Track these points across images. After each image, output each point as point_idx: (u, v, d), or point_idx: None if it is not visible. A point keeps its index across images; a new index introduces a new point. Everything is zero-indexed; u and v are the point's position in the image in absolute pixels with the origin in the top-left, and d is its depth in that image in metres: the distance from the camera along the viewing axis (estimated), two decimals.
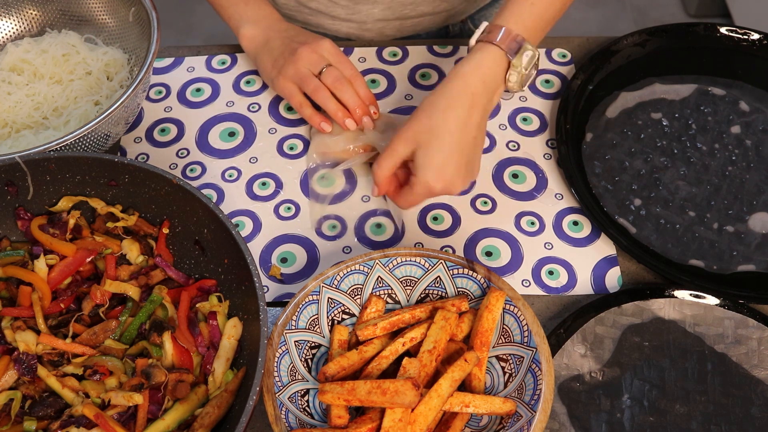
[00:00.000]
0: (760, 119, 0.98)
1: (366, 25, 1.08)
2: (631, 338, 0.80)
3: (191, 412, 0.70)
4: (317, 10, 1.07)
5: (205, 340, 0.75)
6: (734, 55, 1.04)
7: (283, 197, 0.92)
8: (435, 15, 1.09)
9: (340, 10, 1.05)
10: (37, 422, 0.69)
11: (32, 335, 0.73)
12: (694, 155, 0.95)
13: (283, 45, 0.95)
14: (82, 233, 0.80)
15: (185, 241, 0.80)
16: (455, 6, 1.09)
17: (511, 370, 0.74)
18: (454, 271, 0.78)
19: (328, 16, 1.07)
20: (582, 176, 0.92)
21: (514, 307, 0.75)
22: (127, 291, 0.76)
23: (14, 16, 0.99)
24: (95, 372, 0.71)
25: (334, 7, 1.05)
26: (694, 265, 0.86)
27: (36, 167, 0.78)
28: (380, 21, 1.07)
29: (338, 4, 1.04)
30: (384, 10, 1.05)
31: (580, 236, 0.89)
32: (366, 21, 1.07)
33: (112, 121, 0.84)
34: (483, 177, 0.94)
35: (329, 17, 1.08)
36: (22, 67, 0.95)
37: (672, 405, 0.76)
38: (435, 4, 1.06)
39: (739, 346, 0.79)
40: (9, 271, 0.77)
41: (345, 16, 1.06)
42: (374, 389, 0.67)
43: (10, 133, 0.90)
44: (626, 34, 1.04)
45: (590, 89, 1.00)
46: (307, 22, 1.11)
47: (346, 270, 0.77)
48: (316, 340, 0.76)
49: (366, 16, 1.06)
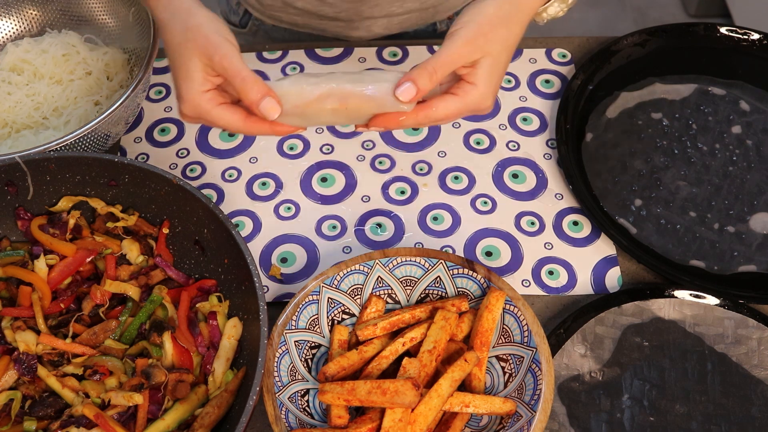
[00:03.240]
0: (761, 119, 0.98)
1: (354, 23, 1.08)
2: (631, 338, 0.80)
3: (191, 412, 0.70)
4: (304, 10, 1.07)
5: (205, 340, 0.75)
6: (734, 55, 1.04)
7: (283, 197, 0.92)
8: (422, 11, 1.09)
9: (328, 9, 1.05)
10: (37, 422, 0.70)
11: (32, 335, 0.73)
12: (695, 155, 0.95)
13: (172, 69, 0.75)
14: (82, 233, 0.80)
15: (185, 241, 0.80)
16: (442, 1, 1.09)
17: (511, 370, 0.74)
18: (454, 271, 0.78)
19: (315, 15, 1.07)
20: (582, 176, 0.92)
21: (514, 307, 0.75)
22: (127, 291, 0.76)
23: (14, 16, 0.99)
24: (95, 372, 0.71)
25: (322, 6, 1.05)
26: (694, 266, 0.86)
27: (36, 167, 0.78)
28: (368, 19, 1.07)
29: (325, 2, 1.04)
30: (371, 8, 1.05)
31: (580, 236, 0.89)
32: (354, 19, 1.07)
33: (112, 121, 0.84)
34: (483, 177, 0.94)
35: (317, 17, 1.08)
36: (22, 67, 0.95)
37: (672, 405, 0.76)
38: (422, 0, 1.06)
39: (739, 346, 0.79)
40: (9, 271, 0.77)
41: (332, 14, 1.06)
42: (374, 389, 0.67)
43: (10, 133, 0.90)
44: (626, 34, 1.04)
45: (590, 89, 1.00)
46: (293, 23, 1.11)
47: (346, 270, 0.77)
48: (316, 340, 0.76)
49: (354, 14, 1.06)
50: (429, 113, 0.72)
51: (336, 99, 0.71)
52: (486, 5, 0.73)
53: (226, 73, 0.70)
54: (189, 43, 0.71)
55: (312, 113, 0.72)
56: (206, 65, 0.70)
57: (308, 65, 1.04)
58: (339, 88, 0.71)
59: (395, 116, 0.72)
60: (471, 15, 0.72)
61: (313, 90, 0.71)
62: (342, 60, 1.05)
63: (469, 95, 0.72)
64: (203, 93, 0.71)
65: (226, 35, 0.72)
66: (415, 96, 0.70)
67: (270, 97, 0.69)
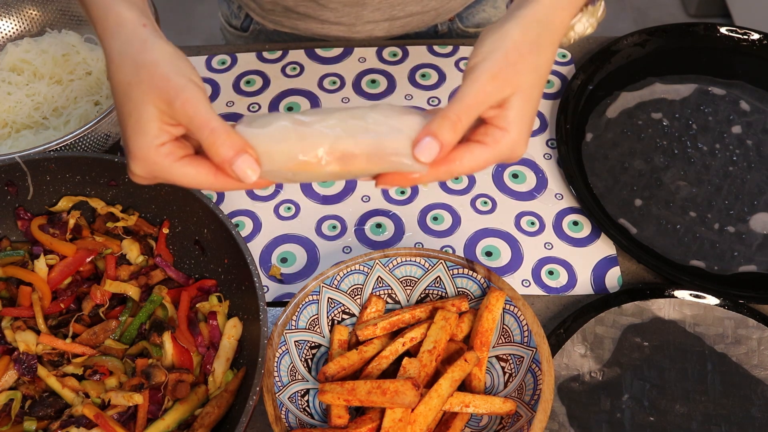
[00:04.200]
0: (761, 119, 0.98)
1: (355, 27, 1.07)
2: (631, 338, 0.80)
3: (191, 412, 0.70)
4: (305, 15, 1.06)
5: (205, 340, 0.75)
6: (734, 55, 1.04)
7: (283, 197, 0.92)
8: (423, 14, 1.09)
9: (329, 13, 1.05)
10: (37, 422, 0.70)
11: (32, 335, 0.73)
12: (695, 155, 0.95)
13: (118, 116, 0.60)
14: (82, 233, 0.80)
15: (185, 241, 0.80)
16: (444, 4, 1.09)
17: (511, 370, 0.74)
18: (454, 271, 0.78)
19: (317, 20, 1.07)
20: (582, 176, 0.92)
21: (514, 307, 0.75)
22: (127, 291, 0.76)
23: (14, 16, 0.99)
24: (95, 372, 0.71)
25: (323, 11, 1.05)
26: (694, 266, 0.86)
27: (36, 167, 0.78)
28: (369, 23, 1.07)
29: (327, 7, 1.04)
30: (373, 12, 1.05)
31: (580, 236, 0.89)
32: (355, 23, 1.07)
33: (112, 121, 0.84)
34: (483, 177, 0.94)
35: (318, 21, 1.07)
36: (22, 67, 0.95)
37: (672, 405, 0.76)
38: (423, 3, 1.06)
39: (739, 346, 0.79)
40: (9, 271, 0.77)
41: (334, 19, 1.06)
42: (374, 389, 0.67)
43: (10, 133, 0.91)
44: (626, 34, 1.04)
45: (590, 89, 1.00)
46: (295, 27, 1.11)
47: (346, 270, 0.77)
48: (316, 340, 0.76)
49: (355, 18, 1.06)
50: (452, 168, 0.59)
51: (336, 159, 0.57)
52: (510, 28, 0.60)
53: (191, 122, 0.56)
54: (142, 85, 0.56)
55: (304, 174, 0.58)
56: (163, 112, 0.56)
57: (308, 65, 1.04)
58: (339, 146, 0.57)
59: (409, 173, 0.59)
60: (493, 42, 0.59)
61: (304, 148, 0.56)
62: (342, 60, 1.05)
63: (500, 144, 0.59)
64: (159, 147, 0.57)
65: (190, 75, 0.57)
66: (439, 154, 0.57)
67: (246, 155, 0.56)
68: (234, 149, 0.55)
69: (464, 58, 1.05)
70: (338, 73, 1.03)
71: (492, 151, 0.59)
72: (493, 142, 0.59)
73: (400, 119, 0.58)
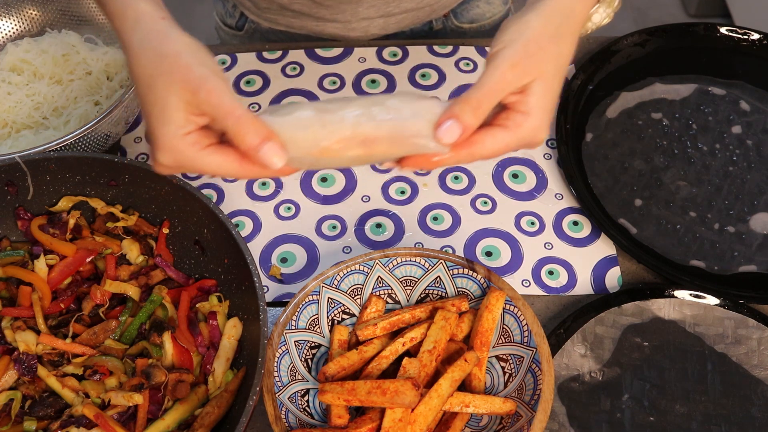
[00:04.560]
0: (761, 119, 0.98)
1: (350, 24, 1.07)
2: (631, 338, 0.80)
3: (191, 412, 0.70)
4: (301, 12, 1.06)
5: (205, 340, 0.75)
6: (734, 55, 1.04)
7: (283, 197, 0.92)
8: (418, 10, 1.09)
9: (324, 11, 1.05)
10: (37, 422, 0.70)
11: (32, 335, 0.73)
12: (695, 155, 0.95)
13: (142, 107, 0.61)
14: (82, 233, 0.80)
15: (185, 241, 0.80)
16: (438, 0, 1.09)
17: (511, 370, 0.74)
18: (454, 271, 0.78)
19: (312, 17, 1.07)
20: (582, 176, 0.92)
21: (514, 307, 0.75)
22: (127, 291, 0.76)
23: (14, 16, 0.99)
24: (95, 372, 0.71)
25: (318, 9, 1.05)
26: (694, 266, 0.86)
27: (36, 167, 0.78)
28: (365, 20, 1.07)
29: (322, 5, 1.04)
30: (368, 9, 1.05)
31: (580, 236, 0.89)
32: (350, 21, 1.07)
33: (112, 121, 0.84)
34: (483, 177, 0.94)
35: (313, 19, 1.07)
36: (22, 67, 0.95)
37: (672, 405, 0.76)
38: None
39: (739, 346, 0.79)
40: (9, 271, 0.77)
41: (329, 16, 1.06)
42: (374, 389, 0.67)
43: (10, 133, 0.91)
44: (626, 34, 1.04)
45: (590, 89, 1.00)
46: (290, 25, 1.11)
47: (346, 270, 0.77)
48: (316, 340, 0.76)
49: (350, 15, 1.06)
50: (473, 151, 0.60)
51: (358, 144, 0.58)
52: (531, 18, 0.61)
53: (217, 111, 0.57)
54: (165, 76, 0.57)
55: (327, 160, 0.60)
56: (188, 102, 0.57)
57: (308, 65, 1.04)
58: (362, 131, 0.58)
59: (431, 155, 0.60)
60: (515, 31, 0.61)
61: (328, 135, 0.58)
62: (342, 60, 1.05)
63: (521, 128, 0.60)
64: (184, 136, 0.58)
65: (212, 66, 0.58)
66: (461, 136, 0.58)
67: (272, 141, 0.57)
68: (260, 136, 0.56)
69: (464, 58, 1.05)
70: (338, 73, 1.03)
71: (513, 135, 0.60)
72: (514, 126, 0.60)
73: (420, 104, 0.59)
